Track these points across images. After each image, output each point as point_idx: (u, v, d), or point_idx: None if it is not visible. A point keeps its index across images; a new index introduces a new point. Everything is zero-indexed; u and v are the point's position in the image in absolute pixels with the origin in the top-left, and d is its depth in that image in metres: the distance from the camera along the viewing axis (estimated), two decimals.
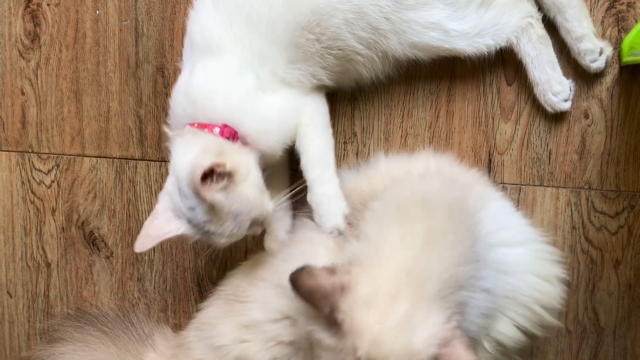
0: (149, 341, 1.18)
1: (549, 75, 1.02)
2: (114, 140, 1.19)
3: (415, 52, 0.99)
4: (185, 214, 0.89)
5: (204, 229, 0.90)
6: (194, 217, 0.89)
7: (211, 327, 1.03)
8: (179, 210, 0.90)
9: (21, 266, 1.25)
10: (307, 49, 0.96)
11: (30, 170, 1.21)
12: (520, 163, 1.09)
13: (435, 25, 0.96)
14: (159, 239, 0.92)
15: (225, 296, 1.05)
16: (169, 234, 0.91)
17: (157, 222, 0.92)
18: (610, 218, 1.09)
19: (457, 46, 0.98)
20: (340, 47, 0.96)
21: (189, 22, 1.01)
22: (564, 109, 1.04)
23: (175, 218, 0.91)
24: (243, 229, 0.91)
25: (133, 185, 1.20)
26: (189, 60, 0.99)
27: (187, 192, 0.87)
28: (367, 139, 1.12)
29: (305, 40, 0.95)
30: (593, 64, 1.02)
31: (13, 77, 1.19)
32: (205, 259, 1.20)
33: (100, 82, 1.17)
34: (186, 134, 0.93)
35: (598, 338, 1.12)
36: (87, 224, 1.22)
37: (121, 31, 1.15)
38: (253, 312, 0.98)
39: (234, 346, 0.99)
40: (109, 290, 1.24)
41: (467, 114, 1.10)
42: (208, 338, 1.02)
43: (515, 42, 1.01)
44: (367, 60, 0.99)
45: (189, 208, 0.89)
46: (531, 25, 1.00)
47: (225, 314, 1.02)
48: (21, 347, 1.27)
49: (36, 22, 1.17)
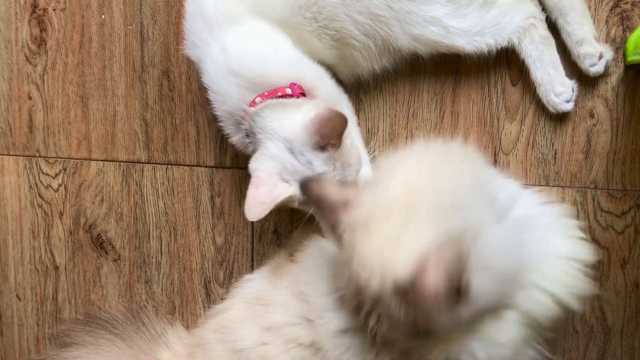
0: (162, 339, 1.18)
1: (551, 76, 1.02)
2: (121, 143, 1.19)
3: (415, 45, 0.99)
4: (301, 172, 0.91)
5: None
6: (311, 172, 0.91)
7: (231, 330, 1.03)
8: (289, 171, 0.91)
9: (30, 269, 1.26)
10: (304, 29, 0.96)
11: (38, 174, 1.22)
12: (525, 163, 1.09)
13: (435, 20, 0.96)
14: (273, 202, 0.91)
15: (247, 300, 1.05)
16: (281, 196, 0.91)
17: (265, 188, 0.92)
18: (616, 217, 1.08)
19: (456, 43, 0.98)
20: (336, 28, 0.96)
21: (193, 3, 0.99)
22: (566, 110, 1.04)
23: (281, 182, 0.92)
24: (348, 180, 0.93)
25: (140, 188, 1.20)
26: (209, 40, 0.97)
27: (303, 149, 0.90)
28: (372, 140, 1.12)
29: (302, 19, 0.95)
30: (592, 68, 1.02)
31: (20, 82, 1.20)
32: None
33: (106, 86, 1.18)
34: (271, 104, 0.94)
35: (605, 337, 1.12)
36: (95, 227, 1.23)
37: (127, 35, 1.16)
38: (275, 314, 0.98)
39: (254, 349, 0.99)
40: (117, 293, 1.24)
41: (472, 115, 1.10)
42: (229, 342, 1.02)
43: (517, 43, 1.00)
44: (363, 46, 0.98)
45: (306, 163, 0.91)
46: (534, 26, 0.99)
47: (246, 318, 1.02)
48: (30, 350, 1.28)
49: (42, 27, 1.18)
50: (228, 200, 1.18)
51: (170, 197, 1.20)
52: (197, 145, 1.17)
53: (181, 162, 1.18)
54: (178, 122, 1.17)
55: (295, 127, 0.91)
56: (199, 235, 1.20)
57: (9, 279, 1.26)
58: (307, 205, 0.94)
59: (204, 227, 1.20)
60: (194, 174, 1.18)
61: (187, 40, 1.01)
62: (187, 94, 1.15)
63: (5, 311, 1.27)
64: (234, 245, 1.20)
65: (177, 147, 1.18)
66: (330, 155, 0.91)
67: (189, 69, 1.15)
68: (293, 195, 0.92)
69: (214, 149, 1.17)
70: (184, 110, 1.17)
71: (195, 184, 1.18)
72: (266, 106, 0.94)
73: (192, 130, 1.17)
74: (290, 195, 0.92)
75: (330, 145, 0.90)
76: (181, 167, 1.19)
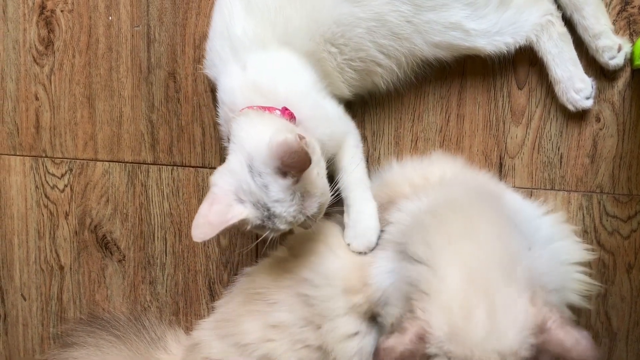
0: (161, 343, 1.18)
1: (571, 73, 1.01)
2: (126, 144, 1.20)
3: (437, 51, 1.00)
4: (255, 194, 0.86)
5: (269, 210, 0.86)
6: (265, 196, 0.86)
7: (234, 324, 1.02)
8: (245, 191, 0.87)
9: (35, 269, 1.26)
10: (327, 64, 0.97)
11: (44, 174, 1.23)
12: (531, 167, 1.09)
13: (455, 25, 0.97)
14: (222, 225, 0.86)
15: (248, 294, 1.04)
16: (232, 219, 0.86)
17: (218, 207, 0.87)
18: (622, 222, 1.08)
19: (477, 44, 0.99)
20: (361, 57, 0.98)
21: (219, 24, 1.01)
22: (587, 107, 1.03)
23: (236, 202, 0.87)
24: (307, 213, 0.88)
25: (145, 189, 1.21)
26: (230, 60, 0.98)
27: (262, 169, 0.85)
28: (378, 143, 1.12)
29: (328, 54, 0.97)
30: (612, 60, 1.01)
31: (27, 83, 1.20)
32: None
33: (112, 87, 1.18)
34: (251, 115, 0.91)
35: (611, 343, 1.11)
36: (100, 227, 1.23)
37: (133, 37, 1.17)
38: (281, 313, 0.97)
39: (260, 345, 0.97)
40: (121, 293, 1.25)
41: (477, 118, 1.10)
42: (230, 336, 1.01)
43: (535, 40, 1.00)
44: (385, 71, 1.00)
45: (262, 186, 0.86)
46: (551, 23, 1.00)
47: (248, 312, 1.01)
48: (35, 350, 1.28)
49: (50, 29, 1.19)
50: None
51: (175, 199, 1.20)
52: (202, 146, 1.17)
53: (186, 164, 1.19)
54: (184, 124, 1.17)
55: (260, 144, 0.86)
56: None
57: (14, 279, 1.27)
58: (261, 230, 0.89)
59: None
60: (199, 176, 1.19)
61: (207, 60, 1.04)
62: (193, 96, 1.16)
63: (10, 311, 1.28)
64: (238, 247, 1.20)
65: (183, 149, 1.18)
66: (290, 184, 0.86)
67: (195, 71, 1.15)
68: (246, 219, 0.87)
69: (219, 150, 1.17)
70: (190, 111, 1.17)
71: (201, 185, 1.19)
72: (246, 114, 0.92)
73: (198, 132, 1.17)
74: (243, 219, 0.87)
75: (291, 174, 0.85)
76: (186, 169, 1.19)
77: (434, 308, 0.74)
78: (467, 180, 0.99)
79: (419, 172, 1.02)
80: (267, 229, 0.88)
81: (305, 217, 0.89)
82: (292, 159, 0.83)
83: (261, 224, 0.88)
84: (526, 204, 0.99)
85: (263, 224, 0.88)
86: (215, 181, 0.89)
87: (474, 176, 1.02)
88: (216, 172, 0.90)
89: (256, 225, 0.88)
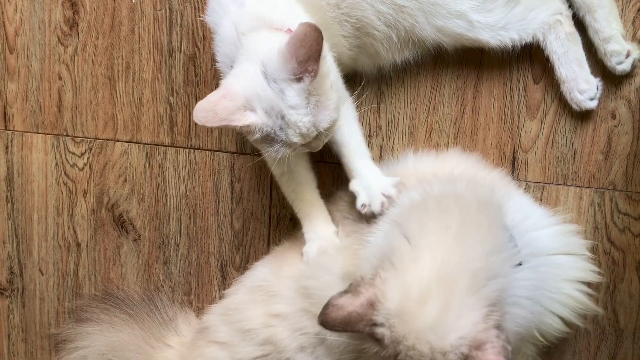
0: (172, 325, 1.21)
1: (575, 73, 1.01)
2: (145, 126, 1.22)
3: (439, 36, 1.00)
4: (271, 100, 0.86)
5: (284, 119, 0.87)
6: (281, 102, 0.86)
7: (238, 312, 1.05)
8: (260, 96, 0.87)
9: (53, 245, 1.29)
10: (326, 13, 0.97)
11: (65, 152, 1.26)
12: (544, 161, 1.10)
13: (460, 14, 0.97)
14: (226, 122, 0.86)
15: (251, 288, 1.08)
16: (237, 122, 0.86)
17: (228, 103, 0.86)
18: (634, 220, 1.08)
19: (480, 37, 0.99)
20: (357, 17, 0.97)
21: None
22: (590, 108, 1.04)
23: (244, 109, 0.87)
24: (319, 127, 0.88)
25: (162, 170, 1.23)
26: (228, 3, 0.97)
27: (277, 75, 0.86)
28: (392, 133, 1.13)
29: (326, 4, 0.96)
30: (619, 66, 1.01)
31: (52, 63, 1.23)
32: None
33: (134, 69, 1.21)
34: (262, 31, 0.91)
35: (617, 340, 1.11)
36: (117, 206, 1.26)
37: (156, 20, 1.19)
38: (280, 305, 1.01)
39: (262, 329, 1.01)
40: (136, 272, 1.27)
41: (492, 111, 1.10)
42: (235, 322, 1.05)
43: (542, 39, 1.01)
44: (384, 37, 0.99)
45: (279, 91, 0.86)
46: (559, 22, 1.00)
47: (252, 302, 1.05)
48: (50, 324, 1.31)
49: (75, 10, 1.21)
50: (247, 186, 1.20)
51: (191, 181, 1.22)
52: (219, 130, 1.19)
53: (203, 147, 1.21)
54: None
55: (273, 52, 0.86)
56: (217, 219, 1.23)
57: (32, 254, 1.30)
58: (263, 145, 0.90)
59: (222, 211, 1.22)
60: (215, 159, 1.21)
61: (208, 8, 1.03)
62: (212, 80, 1.18)
63: (28, 284, 1.31)
64: (251, 230, 1.22)
65: (200, 132, 1.20)
66: (306, 87, 0.85)
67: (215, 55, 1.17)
68: (253, 125, 0.87)
69: (236, 135, 1.19)
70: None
71: (216, 168, 1.21)
72: (254, 29, 0.91)
73: None
74: (249, 125, 0.86)
75: (307, 73, 0.84)
76: (203, 152, 1.21)
77: (394, 282, 0.77)
78: (476, 179, 0.99)
79: (430, 165, 1.04)
80: (277, 142, 0.89)
81: (317, 131, 0.89)
82: (304, 47, 0.82)
83: (272, 134, 0.88)
84: (535, 211, 0.99)
85: (274, 136, 0.88)
86: (231, 81, 0.89)
87: (484, 175, 1.03)
88: (230, 76, 0.91)
89: (265, 136, 0.88)
